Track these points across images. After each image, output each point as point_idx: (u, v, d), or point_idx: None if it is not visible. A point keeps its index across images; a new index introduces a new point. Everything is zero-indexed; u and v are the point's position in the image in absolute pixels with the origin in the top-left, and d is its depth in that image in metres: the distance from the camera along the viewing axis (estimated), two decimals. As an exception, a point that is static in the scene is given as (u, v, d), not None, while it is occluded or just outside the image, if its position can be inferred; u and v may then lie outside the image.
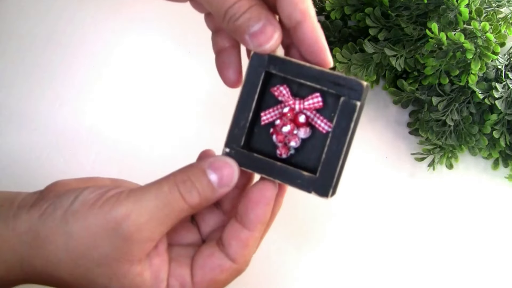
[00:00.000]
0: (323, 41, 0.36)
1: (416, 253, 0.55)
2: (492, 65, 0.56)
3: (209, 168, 0.36)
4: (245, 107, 0.37)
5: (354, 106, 0.35)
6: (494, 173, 0.59)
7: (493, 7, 0.56)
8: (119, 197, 0.35)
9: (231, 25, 0.36)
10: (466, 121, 0.56)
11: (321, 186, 0.36)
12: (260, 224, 0.37)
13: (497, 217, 0.57)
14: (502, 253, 0.55)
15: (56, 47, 0.60)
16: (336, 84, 0.35)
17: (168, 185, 0.35)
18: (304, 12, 0.35)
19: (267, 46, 0.36)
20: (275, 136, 0.37)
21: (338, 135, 0.35)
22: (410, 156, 0.59)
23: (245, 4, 0.36)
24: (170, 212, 0.35)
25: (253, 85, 0.37)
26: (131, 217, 0.34)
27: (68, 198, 0.35)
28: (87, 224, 0.34)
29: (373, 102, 0.62)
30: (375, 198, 0.57)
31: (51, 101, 0.57)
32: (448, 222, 0.56)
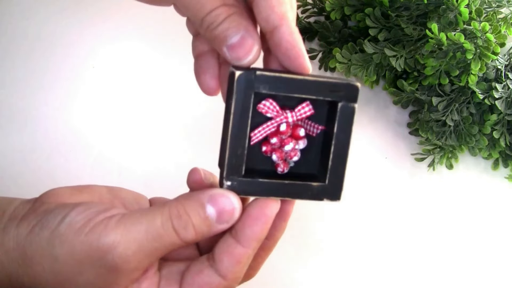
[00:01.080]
0: (301, 46, 0.34)
1: (416, 253, 0.55)
2: (492, 66, 0.56)
3: (209, 202, 0.34)
4: (240, 134, 0.34)
5: (353, 109, 0.35)
6: (494, 173, 0.59)
7: (493, 7, 0.56)
8: (107, 224, 0.33)
9: (208, 34, 0.34)
10: (466, 121, 0.56)
11: (332, 191, 0.36)
12: (255, 242, 0.35)
13: (497, 217, 0.57)
14: (502, 253, 0.55)
15: (56, 48, 0.60)
16: (332, 91, 0.34)
17: (162, 219, 0.33)
18: (281, 16, 0.34)
19: (245, 61, 0.34)
20: (275, 154, 0.36)
21: (341, 139, 0.35)
22: (410, 156, 0.59)
23: (223, 12, 0.34)
24: (160, 246, 0.33)
25: (244, 110, 0.34)
26: (118, 249, 0.32)
27: (55, 218, 0.34)
28: (72, 250, 0.33)
29: (373, 102, 0.62)
30: (375, 198, 0.57)
31: (52, 101, 0.57)
32: (448, 222, 0.56)
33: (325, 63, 0.62)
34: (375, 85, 0.62)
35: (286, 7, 0.34)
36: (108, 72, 0.60)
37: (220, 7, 0.34)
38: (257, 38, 0.34)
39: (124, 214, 0.34)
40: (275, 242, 0.38)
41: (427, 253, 0.55)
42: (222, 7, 0.34)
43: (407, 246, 0.55)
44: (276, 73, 0.34)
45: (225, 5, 0.34)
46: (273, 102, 0.35)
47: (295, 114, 0.35)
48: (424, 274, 0.54)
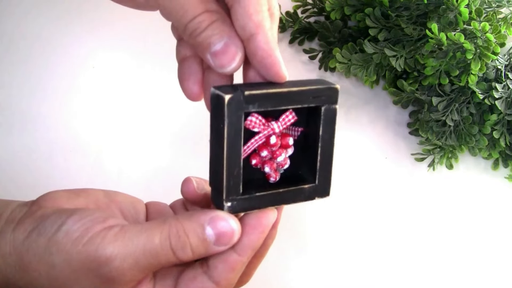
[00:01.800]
0: (277, 54, 0.34)
1: (416, 253, 0.55)
2: (492, 65, 0.56)
3: (209, 224, 0.34)
4: (235, 156, 0.34)
5: (334, 110, 0.35)
6: (494, 173, 0.59)
7: (493, 7, 0.56)
8: (105, 236, 0.33)
9: (192, 40, 0.34)
10: (466, 121, 0.56)
11: (322, 189, 0.37)
12: (251, 250, 0.35)
13: (497, 217, 0.57)
14: (502, 253, 0.55)
15: (55, 48, 0.60)
16: (315, 98, 0.35)
17: (160, 237, 0.33)
18: (258, 24, 0.33)
19: (229, 68, 0.34)
20: (267, 166, 0.37)
21: (326, 140, 0.36)
22: (410, 156, 0.59)
23: (206, 19, 0.34)
24: (156, 263, 0.34)
25: (237, 132, 0.34)
26: (115, 262, 0.32)
27: (52, 225, 0.34)
28: (69, 259, 0.33)
29: (373, 102, 0.62)
30: (375, 198, 0.57)
31: (52, 101, 0.57)
32: (448, 222, 0.56)
33: (325, 63, 0.62)
34: (375, 85, 0.62)
35: (263, 15, 0.34)
36: (108, 73, 0.60)
37: (203, 14, 0.34)
38: (240, 45, 0.34)
39: (123, 227, 0.34)
40: (266, 249, 0.39)
41: (427, 253, 0.55)
42: (205, 13, 0.34)
43: (407, 246, 0.55)
44: (262, 89, 0.34)
45: (208, 12, 0.34)
46: (258, 116, 0.35)
47: (281, 124, 0.36)
48: (424, 274, 0.54)
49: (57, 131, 0.56)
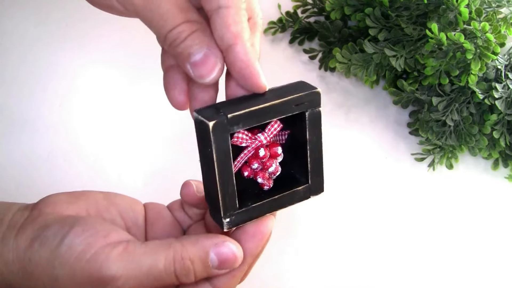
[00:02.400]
0: (255, 65, 0.34)
1: (416, 253, 0.55)
2: (492, 65, 0.56)
3: (213, 251, 0.35)
4: (227, 176, 0.35)
5: (318, 113, 0.36)
6: (494, 173, 0.59)
7: (493, 7, 0.56)
8: (108, 255, 0.33)
9: (171, 50, 0.34)
10: (466, 121, 0.56)
11: (316, 187, 0.38)
12: (251, 258, 0.36)
13: (497, 217, 0.57)
14: (502, 253, 0.55)
15: (55, 48, 0.60)
16: (297, 105, 0.35)
17: (165, 263, 0.34)
18: (236, 35, 0.33)
19: (208, 79, 0.34)
20: (260, 177, 0.37)
21: (314, 142, 0.37)
22: (410, 156, 0.59)
23: (186, 29, 0.34)
24: (159, 285, 0.34)
25: (225, 154, 0.34)
26: (119, 282, 0.33)
27: (54, 237, 0.34)
28: (73, 274, 0.33)
29: (373, 102, 0.62)
30: (375, 198, 0.57)
31: (52, 101, 0.57)
32: (448, 222, 0.56)
33: (325, 63, 0.62)
34: (375, 85, 0.62)
35: (242, 26, 0.34)
36: (108, 74, 0.60)
37: (183, 24, 0.34)
38: (220, 55, 0.34)
39: (127, 245, 0.34)
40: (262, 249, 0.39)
41: (427, 253, 0.55)
42: (185, 23, 0.34)
43: (407, 246, 0.55)
44: (245, 108, 0.34)
45: (188, 22, 0.34)
46: (244, 131, 0.35)
47: (267, 135, 0.36)
48: (424, 274, 0.54)
49: (56, 132, 0.56)
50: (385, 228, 0.55)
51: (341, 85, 0.63)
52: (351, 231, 0.55)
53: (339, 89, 0.62)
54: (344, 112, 0.61)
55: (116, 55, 0.60)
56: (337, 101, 0.62)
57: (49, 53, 0.60)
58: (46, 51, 0.60)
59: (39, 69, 0.59)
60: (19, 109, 0.57)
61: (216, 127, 0.33)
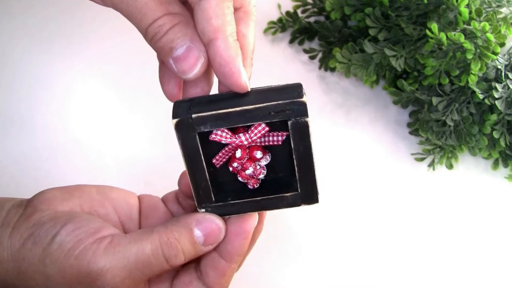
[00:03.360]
0: (236, 63, 0.32)
1: (416, 253, 0.55)
2: (492, 65, 0.56)
3: (196, 226, 0.35)
4: (198, 170, 0.35)
5: (305, 123, 0.33)
6: (494, 173, 0.59)
7: (493, 7, 0.56)
8: (96, 250, 0.33)
9: (153, 45, 0.33)
10: (466, 121, 0.56)
11: (308, 196, 0.36)
12: (237, 256, 0.36)
13: (497, 217, 0.57)
14: (502, 253, 0.55)
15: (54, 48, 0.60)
16: (278, 113, 0.33)
17: (152, 247, 0.34)
18: (217, 29, 0.32)
19: (191, 75, 0.33)
20: (240, 176, 0.36)
21: (302, 151, 0.34)
22: (410, 156, 0.59)
23: (167, 22, 0.32)
24: (149, 272, 0.34)
25: (193, 150, 0.34)
26: (107, 275, 0.33)
27: (46, 235, 0.34)
28: (63, 272, 0.33)
29: (373, 102, 0.62)
30: (375, 198, 0.57)
31: (51, 101, 0.57)
32: (448, 222, 0.56)
33: (325, 63, 0.62)
34: (375, 85, 0.62)
35: (224, 19, 0.32)
36: (107, 72, 0.60)
37: (163, 17, 0.32)
38: (204, 49, 0.33)
39: (113, 239, 0.34)
40: (253, 242, 0.39)
41: (427, 253, 0.55)
42: (165, 16, 0.32)
43: (407, 246, 0.55)
44: (213, 110, 0.33)
45: (169, 14, 0.32)
46: (224, 129, 0.34)
47: (249, 136, 0.34)
48: (424, 274, 0.54)
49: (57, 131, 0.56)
50: (385, 228, 0.55)
51: (341, 85, 0.63)
52: (351, 231, 0.55)
53: (339, 89, 0.62)
54: (344, 112, 0.61)
55: (115, 54, 0.61)
56: (337, 101, 0.62)
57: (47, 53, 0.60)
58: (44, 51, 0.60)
59: (37, 69, 0.59)
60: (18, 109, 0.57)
61: (180, 125, 0.33)
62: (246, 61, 0.34)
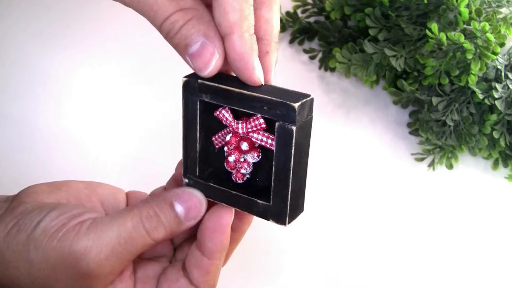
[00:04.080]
0: (250, 59, 0.32)
1: (416, 253, 0.55)
2: (492, 65, 0.56)
3: (176, 200, 0.35)
4: (191, 137, 0.35)
5: (290, 131, 0.32)
6: (494, 173, 0.59)
7: (493, 7, 0.56)
8: (78, 230, 0.33)
9: (169, 41, 0.33)
10: (466, 121, 0.56)
11: (278, 213, 0.34)
12: (218, 253, 0.36)
13: (497, 217, 0.57)
14: (502, 253, 0.55)
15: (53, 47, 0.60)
16: (269, 109, 0.32)
17: (133, 221, 0.34)
18: (233, 24, 0.31)
19: (206, 72, 0.33)
20: (226, 164, 0.36)
21: (282, 161, 0.33)
22: (410, 156, 0.59)
23: (179, 18, 0.32)
24: (132, 248, 0.34)
25: (192, 115, 0.34)
26: (91, 254, 0.33)
27: (31, 221, 0.34)
28: (46, 256, 0.33)
29: (373, 102, 0.62)
30: (375, 198, 0.57)
31: (51, 101, 0.57)
32: (448, 222, 0.56)
33: (325, 63, 0.63)
34: (375, 85, 0.62)
35: (241, 14, 0.31)
36: (106, 71, 0.60)
37: (175, 13, 0.32)
38: (219, 44, 0.32)
39: (95, 219, 0.34)
40: (242, 234, 0.39)
41: (427, 253, 0.55)
42: (178, 12, 0.32)
43: (407, 246, 0.55)
44: (217, 83, 0.33)
45: (181, 10, 0.32)
46: (228, 111, 0.34)
47: (245, 126, 0.34)
48: (424, 274, 0.54)
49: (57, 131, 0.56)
50: (385, 228, 0.55)
51: (341, 85, 0.63)
52: (351, 231, 0.55)
53: (339, 89, 0.62)
54: (344, 112, 0.61)
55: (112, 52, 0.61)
56: (337, 101, 0.62)
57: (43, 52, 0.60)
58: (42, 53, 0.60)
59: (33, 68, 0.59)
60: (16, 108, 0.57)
61: (187, 85, 0.34)
62: (270, 47, 0.35)
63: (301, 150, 0.33)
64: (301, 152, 0.33)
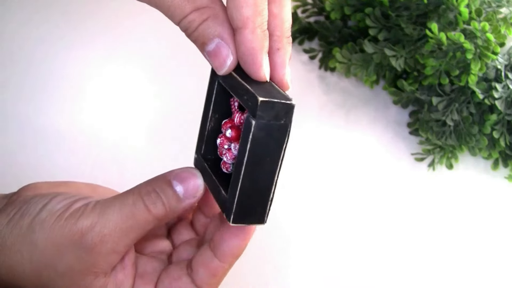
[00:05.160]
0: (259, 55, 0.32)
1: (416, 253, 0.55)
2: (492, 65, 0.56)
3: (174, 179, 0.35)
4: (205, 116, 0.36)
5: (250, 125, 0.31)
6: (494, 173, 0.59)
7: (493, 7, 0.56)
8: (85, 209, 0.34)
9: (188, 38, 0.34)
10: (466, 121, 0.56)
11: (227, 208, 0.33)
12: (232, 257, 0.35)
13: (497, 217, 0.57)
14: (502, 253, 0.55)
15: (54, 47, 0.60)
16: (246, 99, 0.32)
17: (133, 197, 0.35)
18: (245, 19, 0.31)
19: (222, 72, 0.33)
20: (218, 150, 0.36)
21: (239, 157, 0.32)
22: (410, 156, 0.59)
23: (196, 18, 0.33)
24: (134, 224, 0.34)
25: (210, 95, 0.35)
26: (95, 228, 0.33)
27: (36, 206, 0.35)
28: (52, 235, 0.34)
29: (373, 102, 0.62)
30: (375, 198, 0.57)
31: (51, 101, 0.57)
32: (448, 222, 0.56)
33: (325, 63, 0.63)
34: (375, 85, 0.62)
35: (254, 9, 0.31)
36: (110, 71, 0.60)
37: (191, 14, 0.33)
38: (233, 46, 0.33)
39: (98, 201, 0.35)
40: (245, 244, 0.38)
41: (427, 253, 0.55)
42: (194, 12, 0.33)
43: (407, 246, 0.55)
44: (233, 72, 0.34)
45: (197, 10, 0.33)
46: (238, 100, 0.34)
47: (240, 117, 0.35)
48: (424, 274, 0.54)
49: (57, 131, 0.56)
50: (385, 228, 0.56)
51: (341, 85, 0.63)
52: (350, 231, 0.55)
53: (339, 89, 0.62)
54: (344, 112, 0.61)
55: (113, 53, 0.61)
56: (337, 101, 0.62)
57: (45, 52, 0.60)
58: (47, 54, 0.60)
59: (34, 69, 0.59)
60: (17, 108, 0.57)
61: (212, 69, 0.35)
62: (281, 43, 0.34)
63: (263, 152, 0.31)
64: (263, 155, 0.31)
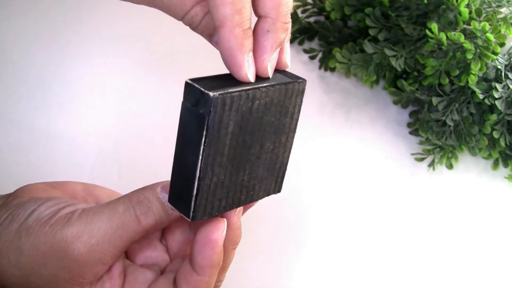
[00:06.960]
0: (239, 55, 0.31)
1: (416, 253, 0.55)
2: (492, 65, 0.56)
3: (162, 191, 0.35)
4: None
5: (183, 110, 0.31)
6: (494, 173, 0.59)
7: (493, 7, 0.56)
8: (71, 216, 0.33)
9: (194, 31, 0.34)
10: (466, 121, 0.56)
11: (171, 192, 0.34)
12: (208, 268, 0.34)
13: (497, 217, 0.57)
14: (502, 253, 0.55)
15: (54, 47, 0.60)
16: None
17: (123, 206, 0.34)
18: (222, 18, 0.31)
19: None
20: None
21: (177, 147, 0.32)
22: (410, 156, 0.59)
23: (198, 12, 0.33)
24: (123, 234, 0.34)
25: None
26: (82, 238, 0.33)
27: (25, 211, 0.34)
28: (37, 242, 0.33)
29: (373, 102, 0.62)
30: (375, 198, 0.57)
31: (51, 101, 0.57)
32: (448, 222, 0.56)
33: (325, 63, 0.62)
34: (375, 85, 0.62)
35: (232, 7, 0.31)
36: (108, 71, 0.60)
37: (194, 8, 0.33)
38: None
39: (85, 208, 0.34)
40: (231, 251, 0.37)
41: (427, 253, 0.55)
42: (196, 7, 0.33)
43: (407, 246, 0.55)
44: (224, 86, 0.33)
45: (198, 4, 0.33)
46: None
47: None
48: (425, 274, 0.54)
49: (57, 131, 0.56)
50: (385, 228, 0.56)
51: (341, 85, 0.63)
52: (350, 231, 0.55)
53: (339, 89, 0.62)
54: (344, 112, 0.61)
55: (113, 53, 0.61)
56: (337, 101, 0.62)
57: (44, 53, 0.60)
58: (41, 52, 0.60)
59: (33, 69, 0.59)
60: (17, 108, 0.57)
61: None
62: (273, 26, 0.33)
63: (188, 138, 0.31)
64: (187, 140, 0.31)
